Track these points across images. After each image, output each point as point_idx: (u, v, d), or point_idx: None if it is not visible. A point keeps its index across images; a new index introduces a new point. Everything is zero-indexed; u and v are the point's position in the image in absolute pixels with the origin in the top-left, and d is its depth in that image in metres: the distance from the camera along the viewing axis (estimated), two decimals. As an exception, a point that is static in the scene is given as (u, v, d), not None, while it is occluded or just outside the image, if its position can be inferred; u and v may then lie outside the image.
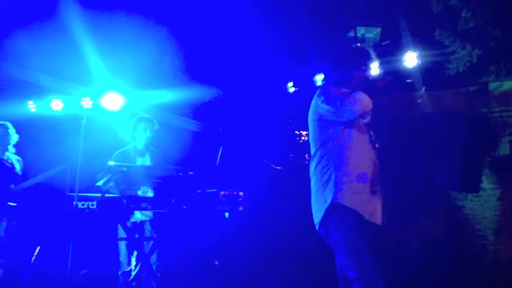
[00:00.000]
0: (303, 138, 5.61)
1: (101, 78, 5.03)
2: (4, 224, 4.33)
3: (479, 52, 4.61)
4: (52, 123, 5.22)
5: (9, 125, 4.55)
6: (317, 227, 2.69)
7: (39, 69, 4.95)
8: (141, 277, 4.02)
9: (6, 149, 4.51)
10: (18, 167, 4.54)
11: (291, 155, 5.71)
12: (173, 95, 5.38)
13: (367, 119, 2.67)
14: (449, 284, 4.72)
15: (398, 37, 4.63)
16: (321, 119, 2.68)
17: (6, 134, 4.50)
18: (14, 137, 4.57)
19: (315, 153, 2.71)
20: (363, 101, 2.59)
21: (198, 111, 5.55)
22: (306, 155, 5.53)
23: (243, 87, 5.50)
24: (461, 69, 4.69)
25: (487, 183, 5.27)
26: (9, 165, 4.47)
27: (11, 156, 4.55)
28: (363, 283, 2.48)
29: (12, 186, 4.40)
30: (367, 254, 2.50)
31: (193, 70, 5.59)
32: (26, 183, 4.42)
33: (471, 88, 5.32)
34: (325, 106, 2.63)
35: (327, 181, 2.61)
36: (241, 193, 3.96)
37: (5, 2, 4.84)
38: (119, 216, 3.82)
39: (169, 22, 5.24)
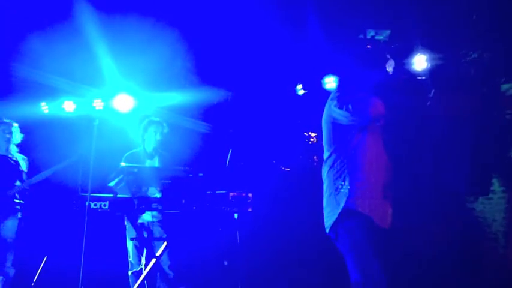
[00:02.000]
0: (311, 140, 5.62)
1: (112, 80, 5.10)
2: (12, 222, 4.34)
3: (491, 55, 4.58)
4: (64, 124, 5.30)
5: (13, 123, 4.54)
6: (327, 230, 2.70)
7: (52, 71, 5.03)
8: (152, 277, 4.06)
9: (9, 147, 4.49)
10: (23, 165, 4.55)
11: (300, 157, 5.71)
12: (183, 97, 5.43)
13: (380, 122, 2.65)
14: (458, 286, 4.70)
15: (408, 40, 4.63)
16: (334, 123, 2.67)
17: (8, 132, 4.47)
18: (17, 136, 4.56)
19: (328, 156, 2.71)
20: (376, 106, 2.59)
21: (207, 113, 5.59)
22: (315, 157, 5.53)
23: (252, 90, 5.53)
24: (472, 72, 4.67)
25: (497, 185, 5.22)
26: (13, 163, 4.49)
27: (16, 154, 4.56)
28: (365, 287, 2.49)
29: (17, 183, 4.43)
30: (372, 259, 2.51)
31: (203, 72, 5.63)
32: (36, 178, 4.43)
33: (482, 90, 5.29)
34: (338, 110, 2.63)
35: (341, 185, 2.61)
36: (250, 194, 3.98)
37: (20, 6, 4.94)
38: (129, 217, 3.86)
39: (179, 25, 5.29)
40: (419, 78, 4.17)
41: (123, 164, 3.85)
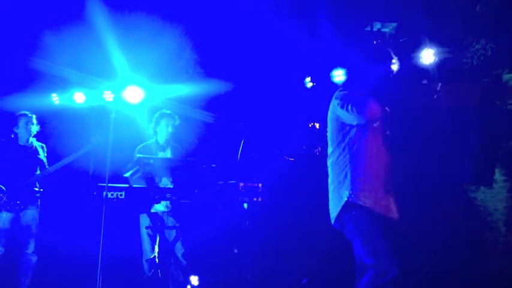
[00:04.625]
0: (317, 130, 5.69)
1: (122, 72, 5.18)
2: (32, 211, 4.44)
3: (494, 46, 4.65)
4: (75, 115, 5.38)
5: (31, 115, 4.63)
6: (332, 222, 2.87)
7: (64, 64, 5.12)
8: (165, 264, 4.20)
9: (29, 138, 4.60)
10: (42, 153, 4.65)
11: (304, 147, 5.80)
12: (190, 89, 5.51)
13: (376, 123, 2.82)
14: (460, 275, 4.79)
15: (414, 32, 4.69)
16: (338, 120, 2.85)
17: (31, 124, 4.58)
18: (36, 127, 4.64)
19: (332, 151, 2.88)
20: (372, 109, 2.75)
21: (215, 104, 5.66)
22: (319, 147, 5.61)
23: (262, 82, 5.60)
24: (475, 63, 4.74)
25: (499, 175, 5.30)
26: (33, 152, 4.58)
27: (35, 142, 4.66)
28: (378, 269, 2.64)
29: (38, 172, 4.50)
30: (381, 242, 2.66)
31: (210, 64, 5.71)
32: (53, 168, 4.51)
33: (485, 81, 5.35)
34: (339, 109, 2.81)
35: (343, 179, 2.78)
36: (260, 185, 4.09)
37: (34, 2, 5.02)
38: (144, 206, 3.98)
39: (186, 18, 5.36)
40: (424, 76, 4.25)
41: (139, 155, 3.94)
